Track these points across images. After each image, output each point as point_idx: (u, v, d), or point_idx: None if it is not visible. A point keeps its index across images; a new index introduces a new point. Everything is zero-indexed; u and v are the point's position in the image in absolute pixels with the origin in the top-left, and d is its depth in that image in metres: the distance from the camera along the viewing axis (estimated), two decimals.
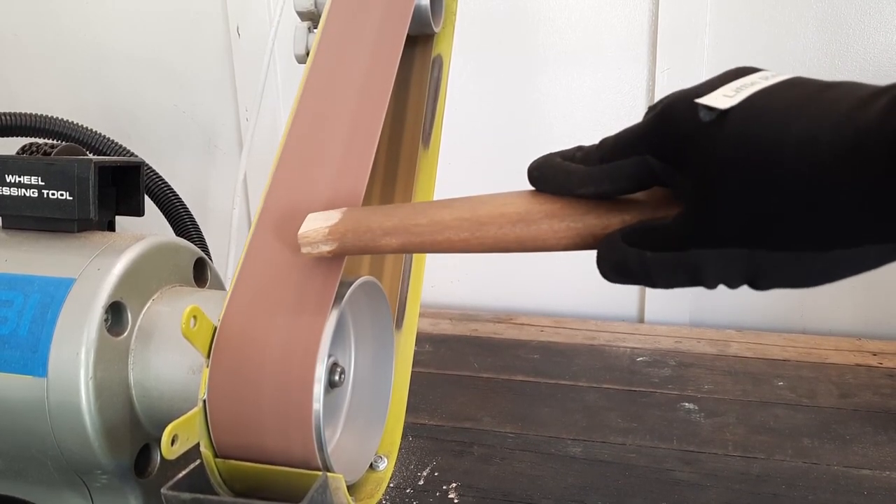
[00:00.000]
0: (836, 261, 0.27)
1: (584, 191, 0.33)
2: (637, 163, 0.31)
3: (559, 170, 0.34)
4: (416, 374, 0.59)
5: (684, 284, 0.31)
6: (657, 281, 0.31)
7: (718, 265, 0.29)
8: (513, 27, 1.06)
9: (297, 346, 0.38)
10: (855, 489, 0.65)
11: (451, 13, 0.62)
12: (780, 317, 1.06)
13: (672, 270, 0.30)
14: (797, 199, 0.26)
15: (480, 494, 0.65)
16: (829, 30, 0.97)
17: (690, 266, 0.30)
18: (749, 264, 0.28)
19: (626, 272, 0.32)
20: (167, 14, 1.18)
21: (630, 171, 0.32)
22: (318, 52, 0.49)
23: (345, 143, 0.44)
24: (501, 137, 1.10)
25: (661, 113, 0.31)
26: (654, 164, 0.31)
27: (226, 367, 0.38)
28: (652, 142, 0.31)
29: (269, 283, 0.40)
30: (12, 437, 0.47)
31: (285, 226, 0.41)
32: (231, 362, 0.38)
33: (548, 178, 0.34)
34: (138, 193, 0.56)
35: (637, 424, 0.76)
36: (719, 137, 0.28)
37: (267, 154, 1.10)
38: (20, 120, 0.71)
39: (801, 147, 0.26)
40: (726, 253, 0.29)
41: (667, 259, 0.30)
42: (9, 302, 0.47)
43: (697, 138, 0.29)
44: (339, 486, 0.38)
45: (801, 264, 0.27)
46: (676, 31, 1.00)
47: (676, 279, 0.30)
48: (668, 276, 0.30)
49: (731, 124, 0.28)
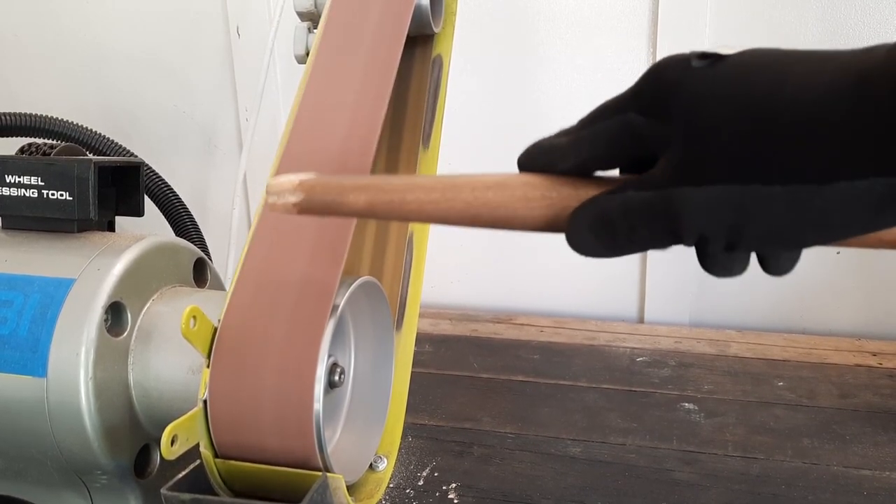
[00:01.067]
0: (836, 199, 0.25)
1: (565, 165, 0.31)
2: (618, 122, 0.30)
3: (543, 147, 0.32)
4: (416, 374, 0.59)
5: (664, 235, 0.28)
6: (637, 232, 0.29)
7: (703, 207, 0.27)
8: (513, 27, 1.06)
9: (297, 347, 0.38)
10: (855, 489, 0.65)
11: (451, 13, 0.62)
12: (780, 317, 1.06)
13: (652, 214, 0.28)
14: (797, 129, 0.25)
15: (480, 494, 0.65)
16: (829, 30, 0.97)
17: (673, 210, 0.27)
18: (738, 205, 0.26)
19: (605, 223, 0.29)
20: (167, 14, 1.18)
21: (610, 132, 0.30)
22: (318, 53, 0.49)
23: (345, 143, 0.44)
24: (501, 137, 1.10)
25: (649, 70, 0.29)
26: (637, 122, 0.29)
27: (226, 368, 0.38)
28: (637, 98, 0.29)
29: (270, 282, 0.40)
30: (12, 438, 0.47)
31: (285, 226, 0.41)
32: (231, 362, 0.38)
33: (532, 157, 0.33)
34: (138, 193, 0.56)
35: (637, 425, 0.76)
36: (713, 77, 0.27)
37: (267, 154, 1.10)
38: (20, 120, 0.71)
39: (803, 81, 0.25)
40: (713, 192, 0.26)
41: (648, 199, 0.28)
42: (9, 302, 0.47)
43: (688, 82, 0.27)
44: (338, 487, 0.38)
45: (798, 203, 0.25)
46: (676, 30, 1.00)
47: (656, 227, 0.28)
48: (647, 223, 0.28)
49: (728, 67, 0.27)
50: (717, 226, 0.27)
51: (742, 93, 0.26)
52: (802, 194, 0.25)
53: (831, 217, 0.25)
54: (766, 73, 0.26)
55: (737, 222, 0.26)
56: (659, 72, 0.29)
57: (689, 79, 0.27)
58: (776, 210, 0.26)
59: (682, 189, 0.27)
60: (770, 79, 0.26)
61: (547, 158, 0.32)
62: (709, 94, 0.27)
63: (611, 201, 0.29)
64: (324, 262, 0.39)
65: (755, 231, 0.26)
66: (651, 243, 0.29)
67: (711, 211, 0.26)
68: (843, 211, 0.25)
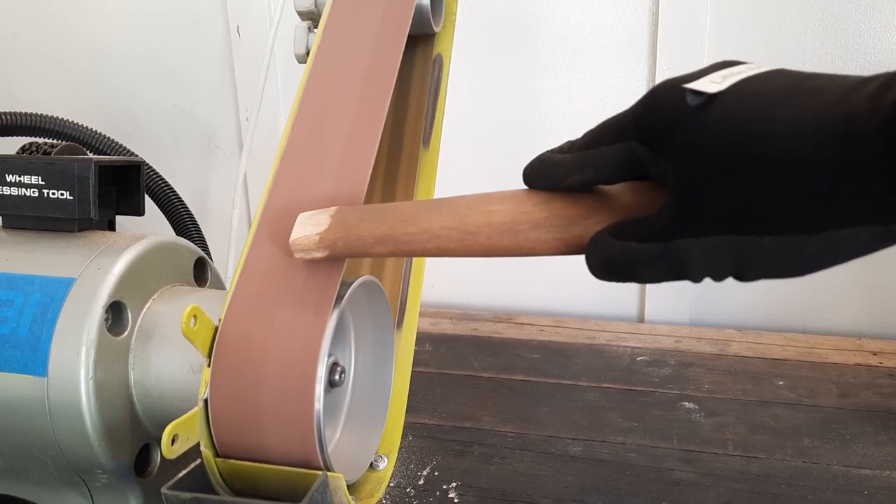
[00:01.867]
0: (825, 245, 0.26)
1: (571, 181, 0.33)
2: (622, 150, 0.31)
3: (548, 163, 0.34)
4: (416, 374, 0.59)
5: (669, 278, 0.30)
6: (642, 275, 0.30)
7: (703, 255, 0.28)
8: (513, 27, 1.06)
9: (298, 346, 0.38)
10: (855, 489, 0.65)
11: (451, 13, 0.62)
12: (780, 316, 1.06)
13: (656, 263, 0.30)
14: (785, 182, 0.26)
15: (480, 494, 0.65)
16: (829, 30, 0.97)
17: (675, 257, 0.29)
18: (735, 253, 0.28)
19: (613, 268, 0.31)
20: (167, 14, 1.18)
21: (614, 157, 0.32)
22: (318, 52, 0.49)
23: (346, 144, 0.44)
24: (501, 137, 1.10)
25: (647, 99, 0.31)
26: (640, 151, 0.31)
27: (226, 367, 0.38)
28: (638, 127, 0.31)
29: (270, 282, 0.40)
30: (12, 437, 0.47)
31: (286, 225, 0.41)
32: (231, 362, 0.38)
33: (538, 174, 0.35)
34: (138, 193, 0.56)
35: (637, 424, 0.76)
36: (706, 122, 0.28)
37: (267, 154, 1.10)
38: (20, 120, 0.71)
39: (789, 131, 0.26)
40: (711, 242, 0.28)
41: (651, 250, 0.30)
42: (9, 301, 0.47)
43: (684, 123, 0.29)
44: (339, 486, 0.38)
45: (790, 250, 0.27)
46: (676, 30, 1.00)
47: (661, 272, 0.30)
48: (652, 270, 0.30)
49: (718, 109, 0.28)
50: (718, 270, 0.29)
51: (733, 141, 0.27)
52: (794, 243, 0.27)
53: (823, 259, 0.27)
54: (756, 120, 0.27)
55: (737, 265, 0.28)
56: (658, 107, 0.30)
57: (685, 120, 0.29)
58: (771, 256, 0.27)
59: (683, 241, 0.29)
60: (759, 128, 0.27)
61: (552, 175, 0.34)
62: (702, 142, 0.28)
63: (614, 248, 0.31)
64: (324, 261, 0.39)
65: (755, 272, 0.28)
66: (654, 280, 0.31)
67: (712, 258, 0.28)
68: (833, 254, 0.27)
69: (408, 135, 0.60)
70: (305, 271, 0.40)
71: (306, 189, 0.43)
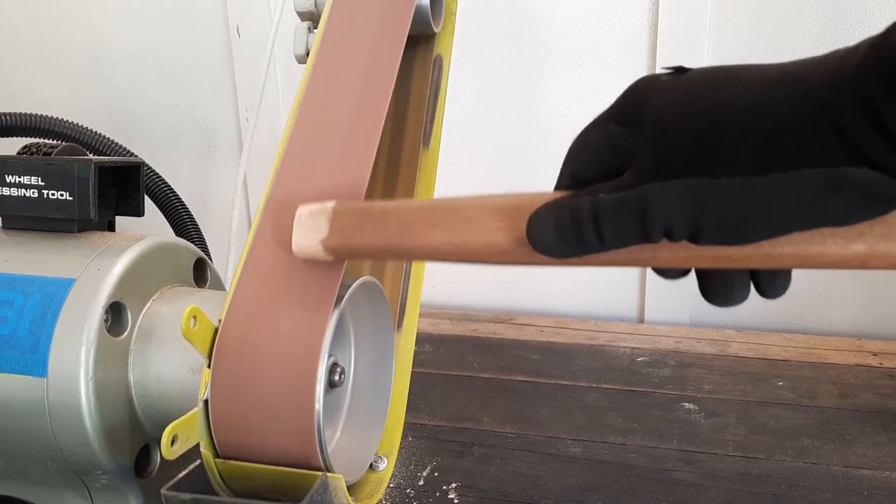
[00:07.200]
0: (772, 189, 0.27)
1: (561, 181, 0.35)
2: (600, 132, 0.33)
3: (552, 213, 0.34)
4: (416, 374, 0.59)
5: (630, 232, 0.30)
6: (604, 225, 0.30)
7: (666, 201, 0.29)
8: (513, 27, 1.06)
9: (298, 346, 0.38)
10: (855, 489, 0.65)
11: (451, 13, 0.62)
12: (780, 317, 1.06)
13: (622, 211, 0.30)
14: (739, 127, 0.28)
15: (480, 494, 0.65)
16: (829, 30, 0.97)
17: (639, 197, 0.30)
18: (693, 195, 0.29)
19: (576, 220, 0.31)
20: (167, 14, 1.18)
21: (592, 143, 0.34)
22: (318, 53, 0.49)
23: (346, 144, 0.44)
24: (501, 137, 1.10)
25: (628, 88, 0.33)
26: (616, 132, 0.32)
27: (226, 368, 0.38)
28: (615, 109, 0.33)
29: (270, 282, 0.40)
30: (12, 438, 0.47)
31: (286, 224, 0.41)
32: (231, 362, 0.38)
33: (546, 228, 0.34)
34: (138, 193, 0.56)
35: (637, 424, 0.76)
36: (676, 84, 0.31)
37: (267, 154, 1.10)
38: (20, 120, 0.71)
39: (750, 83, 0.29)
40: (674, 185, 0.29)
41: (621, 198, 0.30)
42: (9, 302, 0.47)
43: (657, 90, 0.31)
44: (339, 487, 0.38)
45: (740, 197, 0.28)
46: (676, 32, 1.00)
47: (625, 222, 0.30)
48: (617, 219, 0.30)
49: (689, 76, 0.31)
50: (678, 218, 0.29)
51: (698, 96, 0.30)
52: (744, 185, 0.28)
53: (772, 206, 0.28)
54: (720, 78, 0.30)
55: (694, 213, 0.29)
56: (635, 86, 0.33)
57: (656, 89, 0.31)
58: (724, 200, 0.28)
59: (651, 185, 0.29)
60: (722, 83, 0.30)
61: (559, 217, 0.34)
62: (671, 101, 0.31)
63: (583, 202, 0.31)
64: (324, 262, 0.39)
65: (710, 222, 0.29)
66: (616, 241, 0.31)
67: (673, 204, 0.29)
68: (781, 200, 0.28)
69: (408, 135, 0.60)
70: (305, 272, 0.40)
71: (307, 190, 0.43)
